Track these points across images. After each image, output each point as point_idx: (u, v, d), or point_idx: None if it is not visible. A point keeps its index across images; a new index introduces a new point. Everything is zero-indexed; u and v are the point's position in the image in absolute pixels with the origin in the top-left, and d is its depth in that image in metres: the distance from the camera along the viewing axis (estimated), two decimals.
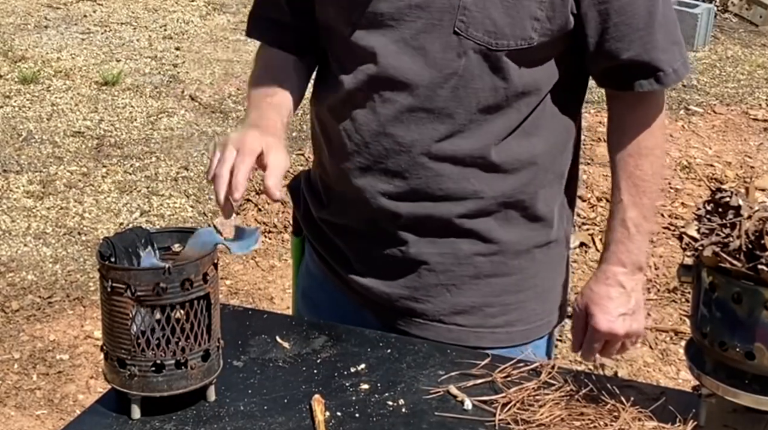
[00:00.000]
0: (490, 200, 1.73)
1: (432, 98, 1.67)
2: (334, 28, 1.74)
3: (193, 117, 5.33)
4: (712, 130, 5.39)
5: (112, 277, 1.42)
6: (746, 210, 1.33)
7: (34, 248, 4.14)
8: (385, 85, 1.69)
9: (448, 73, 1.66)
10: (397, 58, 1.67)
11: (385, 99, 1.69)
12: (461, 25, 1.63)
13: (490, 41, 1.64)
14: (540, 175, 1.76)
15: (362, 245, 1.80)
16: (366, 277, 1.80)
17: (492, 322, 1.80)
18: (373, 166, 1.73)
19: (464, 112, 1.68)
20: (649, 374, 3.52)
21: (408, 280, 1.78)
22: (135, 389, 1.45)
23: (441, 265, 1.76)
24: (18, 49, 6.07)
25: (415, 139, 1.69)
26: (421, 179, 1.71)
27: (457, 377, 1.57)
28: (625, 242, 1.75)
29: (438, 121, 1.68)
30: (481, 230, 1.75)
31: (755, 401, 1.34)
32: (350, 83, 1.72)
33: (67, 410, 3.30)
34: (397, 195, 1.73)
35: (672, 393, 1.52)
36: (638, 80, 1.71)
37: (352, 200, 1.77)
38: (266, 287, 4.05)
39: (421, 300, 1.79)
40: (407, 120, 1.69)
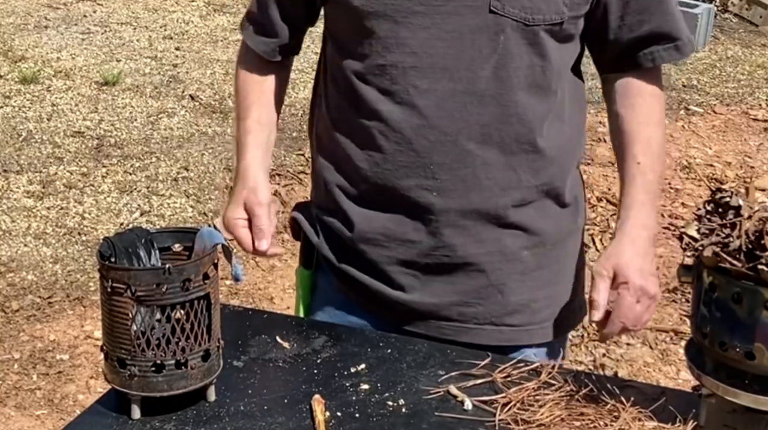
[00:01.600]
0: (533, 189, 1.72)
1: (474, 81, 1.65)
2: (350, 21, 1.70)
3: (193, 117, 5.33)
4: (712, 130, 5.40)
5: (112, 277, 1.42)
6: (746, 210, 1.33)
7: (34, 248, 4.14)
8: (422, 75, 1.65)
9: (487, 53, 1.64)
10: (431, 45, 1.64)
11: (423, 90, 1.66)
12: (497, 3, 1.62)
13: (527, 17, 1.63)
14: (569, 160, 1.77)
15: (404, 256, 1.74)
16: (409, 291, 1.76)
17: (539, 317, 1.79)
18: (417, 163, 1.69)
19: (507, 93, 1.66)
20: (649, 374, 3.52)
21: (457, 286, 1.75)
22: (135, 389, 1.45)
23: (490, 264, 1.74)
24: (18, 49, 6.07)
25: (461, 127, 1.66)
26: (469, 169, 1.68)
27: (457, 377, 1.57)
28: (646, 204, 1.73)
29: (481, 106, 1.66)
30: (524, 222, 1.74)
31: (755, 401, 1.34)
32: (380, 80, 1.68)
33: (67, 410, 3.30)
34: (445, 189, 1.69)
35: (672, 393, 1.52)
36: (658, 52, 1.74)
37: (392, 206, 1.73)
38: (266, 287, 4.05)
39: (471, 304, 1.76)
40: (450, 108, 1.66)
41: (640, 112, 1.76)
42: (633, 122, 1.76)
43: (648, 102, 1.77)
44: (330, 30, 1.78)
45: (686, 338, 1.65)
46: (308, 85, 5.64)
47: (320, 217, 1.84)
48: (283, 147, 5.01)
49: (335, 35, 1.76)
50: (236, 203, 1.77)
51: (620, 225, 1.74)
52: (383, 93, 1.68)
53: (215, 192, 4.62)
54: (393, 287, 1.76)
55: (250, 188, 1.77)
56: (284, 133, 5.14)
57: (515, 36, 1.64)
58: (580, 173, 1.86)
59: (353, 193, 1.77)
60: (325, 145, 1.82)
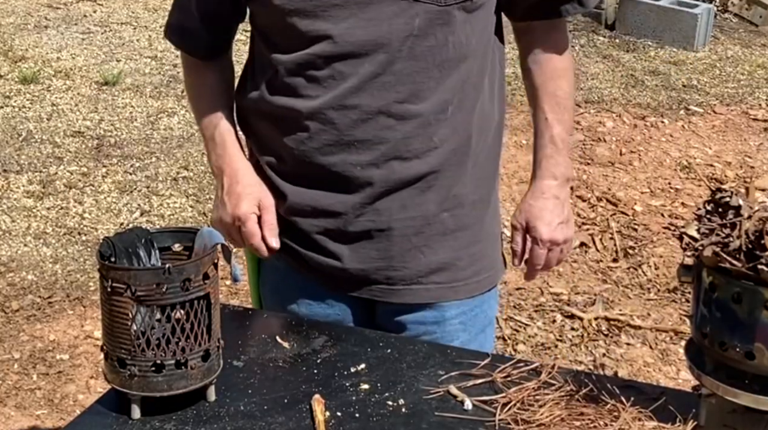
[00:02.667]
0: (449, 154, 1.80)
1: (392, 62, 1.73)
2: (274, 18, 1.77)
3: (193, 117, 5.33)
4: (712, 130, 5.39)
5: (112, 277, 1.42)
6: (746, 210, 1.33)
7: (34, 248, 4.14)
8: (343, 61, 1.73)
9: (403, 37, 1.72)
10: (351, 33, 1.71)
11: (346, 74, 1.74)
12: None
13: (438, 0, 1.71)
14: (484, 124, 1.86)
15: (332, 226, 1.83)
16: (338, 258, 1.84)
17: (463, 274, 1.89)
18: (341, 141, 1.77)
19: (423, 71, 1.74)
20: (649, 374, 3.52)
21: (382, 250, 1.84)
22: (135, 389, 1.45)
23: (412, 228, 1.83)
24: (18, 49, 6.07)
25: (381, 105, 1.74)
26: (390, 143, 1.76)
27: (457, 377, 1.57)
28: (555, 156, 1.89)
29: (400, 84, 1.74)
30: (444, 186, 1.82)
31: (755, 401, 1.34)
32: (304, 70, 1.75)
33: (67, 410, 3.30)
34: (369, 163, 1.77)
35: (672, 393, 1.52)
36: (564, 6, 1.85)
37: (318, 180, 1.81)
38: None
39: (397, 268, 1.85)
40: (370, 88, 1.74)
41: (545, 66, 1.90)
42: (540, 77, 1.90)
43: (552, 55, 1.90)
44: (255, 25, 1.85)
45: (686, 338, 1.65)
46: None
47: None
48: None
49: (260, 30, 1.84)
50: (250, 200, 1.83)
51: (531, 178, 1.93)
52: (309, 80, 1.76)
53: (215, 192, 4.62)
54: (324, 254, 1.85)
55: (261, 189, 1.85)
56: None
57: (429, 18, 1.72)
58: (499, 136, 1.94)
59: (282, 169, 1.85)
60: (253, 126, 1.90)
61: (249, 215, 1.82)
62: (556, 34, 1.91)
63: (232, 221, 1.84)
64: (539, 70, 1.91)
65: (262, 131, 1.88)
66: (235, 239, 1.87)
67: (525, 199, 1.93)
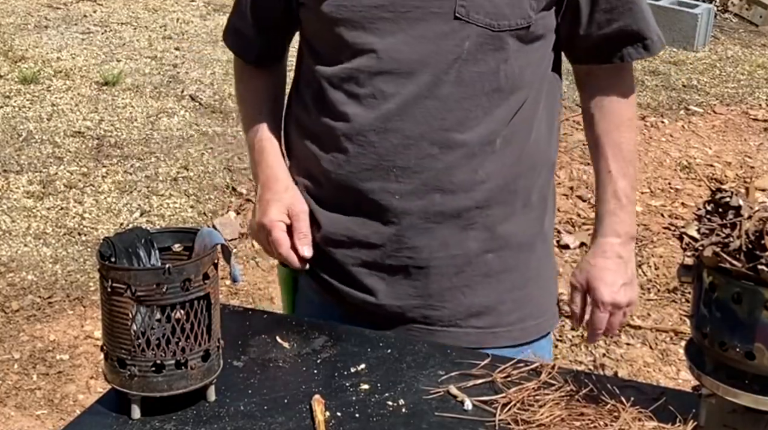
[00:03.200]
0: (496, 190, 1.72)
1: (438, 86, 1.66)
2: (321, 27, 1.72)
3: (193, 117, 5.33)
4: (712, 130, 5.40)
5: (112, 277, 1.42)
6: (746, 210, 1.33)
7: (34, 248, 4.14)
8: (388, 79, 1.67)
9: (452, 59, 1.65)
10: (398, 50, 1.66)
11: (389, 94, 1.67)
12: (462, 9, 1.64)
13: (492, 23, 1.64)
14: (536, 161, 1.77)
15: (368, 258, 1.76)
16: (375, 294, 1.77)
17: (506, 320, 1.79)
18: (379, 166, 1.70)
19: (471, 98, 1.67)
20: (649, 374, 3.52)
21: (420, 288, 1.76)
22: (135, 389, 1.45)
23: (453, 267, 1.74)
24: (18, 49, 6.07)
25: (424, 131, 1.67)
26: (432, 173, 1.69)
27: (457, 377, 1.56)
28: (618, 212, 1.79)
29: (445, 110, 1.67)
30: (488, 224, 1.74)
31: (755, 401, 1.34)
32: (347, 84, 1.70)
33: (67, 410, 3.31)
34: (408, 192, 1.70)
35: (672, 393, 1.52)
36: (626, 50, 1.76)
37: (355, 208, 1.74)
38: (266, 287, 4.05)
39: (435, 307, 1.76)
40: (413, 112, 1.67)
41: (609, 114, 1.80)
42: (603, 126, 1.80)
43: (616, 102, 1.80)
44: (303, 35, 1.81)
45: (686, 338, 1.65)
46: None
47: None
48: None
49: (307, 39, 1.79)
50: (278, 207, 1.77)
51: (593, 236, 1.83)
52: (350, 96, 1.70)
53: (215, 192, 4.62)
54: (359, 289, 1.78)
55: (292, 195, 1.78)
56: None
57: (480, 42, 1.65)
58: (551, 176, 1.85)
59: (318, 194, 1.78)
60: (294, 145, 1.84)
61: (275, 222, 1.76)
62: (620, 79, 1.81)
63: (259, 230, 1.78)
64: (603, 119, 1.80)
65: (301, 152, 1.81)
66: (268, 249, 1.81)
67: (585, 258, 1.82)
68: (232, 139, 5.07)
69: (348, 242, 1.76)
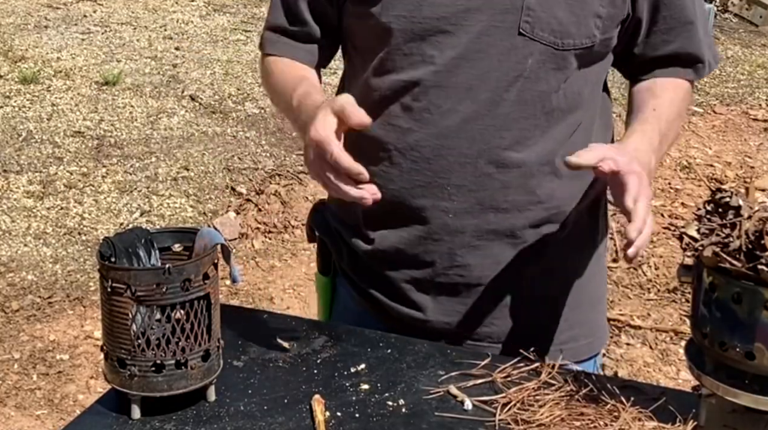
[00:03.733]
0: (552, 209, 1.69)
1: (497, 104, 1.61)
2: (378, 37, 1.65)
3: (193, 117, 5.33)
4: (712, 130, 5.40)
5: (112, 277, 1.42)
6: (746, 210, 1.33)
7: (34, 248, 4.14)
8: (445, 94, 1.61)
9: (513, 76, 1.61)
10: (457, 64, 1.60)
11: (446, 110, 1.62)
12: (526, 26, 1.59)
13: (556, 41, 1.60)
14: (591, 180, 1.72)
15: (418, 276, 1.72)
16: (423, 311, 1.73)
17: (559, 339, 1.76)
18: (433, 183, 1.64)
19: (531, 118, 1.63)
20: (649, 374, 3.52)
21: (470, 305, 1.72)
22: (135, 389, 1.45)
23: (504, 285, 1.71)
24: (18, 49, 6.07)
25: (482, 150, 1.63)
26: (487, 192, 1.65)
27: (457, 377, 1.56)
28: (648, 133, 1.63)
29: (504, 129, 1.62)
30: (541, 243, 1.70)
31: (755, 401, 1.34)
32: (402, 97, 1.64)
33: (67, 410, 3.31)
34: (462, 211, 1.66)
35: (672, 393, 1.52)
36: (676, 70, 1.73)
37: (405, 225, 1.70)
38: (266, 287, 4.05)
39: (485, 324, 1.73)
40: (471, 130, 1.62)
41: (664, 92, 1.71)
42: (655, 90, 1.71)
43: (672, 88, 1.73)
44: (355, 44, 1.74)
45: (686, 338, 1.65)
46: None
47: (339, 230, 1.81)
48: (283, 147, 5.01)
49: (360, 50, 1.72)
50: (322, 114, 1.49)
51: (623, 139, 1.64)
52: (404, 110, 1.64)
53: (215, 192, 4.62)
54: (407, 305, 1.74)
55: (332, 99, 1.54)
56: (284, 133, 5.14)
57: (543, 60, 1.61)
58: (604, 195, 1.80)
59: (368, 210, 1.68)
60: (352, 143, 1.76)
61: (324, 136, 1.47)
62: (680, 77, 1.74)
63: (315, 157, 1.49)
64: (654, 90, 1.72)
65: None
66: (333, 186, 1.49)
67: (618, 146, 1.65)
68: (232, 139, 5.07)
69: (398, 259, 1.72)
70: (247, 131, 5.14)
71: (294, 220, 4.47)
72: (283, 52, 1.76)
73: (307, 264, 4.24)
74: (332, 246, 1.83)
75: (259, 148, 4.97)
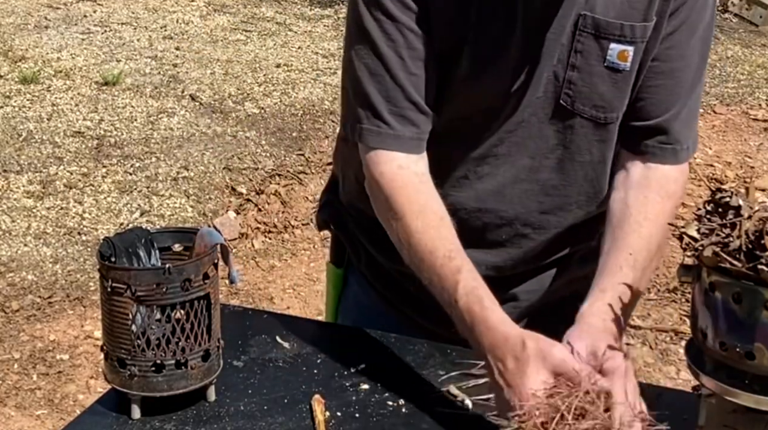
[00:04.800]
0: (592, 244, 1.69)
1: (537, 170, 1.60)
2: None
3: (193, 117, 5.33)
4: (712, 130, 5.39)
5: (112, 277, 1.42)
6: (746, 210, 1.32)
7: (34, 248, 4.14)
8: (483, 161, 1.60)
9: (553, 145, 1.59)
10: (504, 130, 1.57)
11: (483, 175, 1.60)
12: (566, 98, 1.56)
13: (599, 115, 1.57)
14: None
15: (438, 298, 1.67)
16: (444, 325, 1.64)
17: None
18: (469, 239, 1.55)
19: (570, 185, 1.62)
20: (649, 374, 3.52)
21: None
22: (135, 389, 1.45)
23: (527, 301, 1.73)
24: (18, 49, 6.07)
25: (519, 213, 1.62)
26: (523, 249, 1.65)
27: (457, 377, 1.56)
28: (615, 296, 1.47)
29: (543, 193, 1.62)
30: (567, 264, 1.72)
31: (755, 401, 1.34)
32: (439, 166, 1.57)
33: (67, 410, 3.31)
34: (496, 265, 1.65)
35: (672, 393, 1.52)
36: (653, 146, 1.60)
37: None
38: (266, 287, 4.05)
39: None
40: (509, 194, 1.61)
41: (650, 208, 1.56)
42: (640, 213, 1.55)
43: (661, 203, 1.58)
44: None
45: (686, 338, 1.65)
46: (308, 85, 5.64)
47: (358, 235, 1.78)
48: (283, 147, 5.01)
49: None
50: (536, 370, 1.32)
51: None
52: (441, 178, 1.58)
53: (215, 192, 4.62)
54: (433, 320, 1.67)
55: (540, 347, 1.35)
56: (284, 133, 5.13)
57: (585, 132, 1.58)
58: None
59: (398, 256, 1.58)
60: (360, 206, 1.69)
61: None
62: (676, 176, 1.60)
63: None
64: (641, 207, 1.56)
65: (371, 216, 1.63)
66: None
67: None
68: (232, 139, 5.07)
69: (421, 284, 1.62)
70: (247, 131, 5.14)
71: (294, 220, 4.47)
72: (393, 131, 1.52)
73: (307, 264, 4.24)
74: (349, 246, 1.81)
75: (259, 148, 4.97)
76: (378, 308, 1.80)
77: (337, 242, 1.86)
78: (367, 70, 1.51)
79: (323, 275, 4.22)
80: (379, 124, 1.51)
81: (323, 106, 5.39)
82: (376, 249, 1.75)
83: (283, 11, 7.05)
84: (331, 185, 1.87)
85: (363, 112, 1.52)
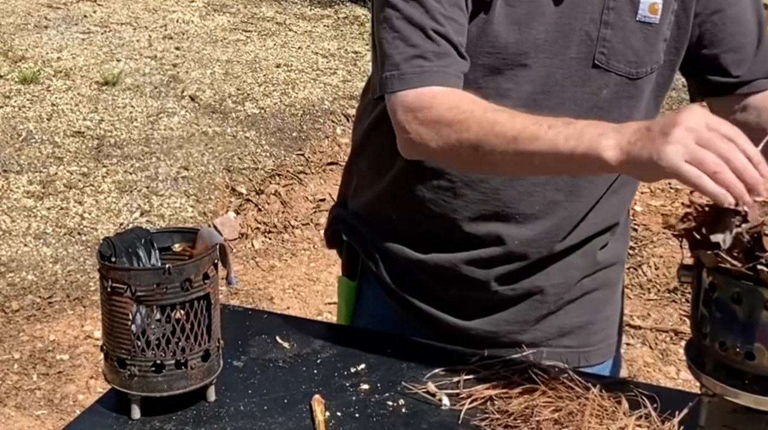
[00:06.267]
0: (603, 223, 1.71)
1: None
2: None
3: (193, 117, 5.33)
4: None
5: (112, 277, 1.42)
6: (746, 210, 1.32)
7: (34, 248, 4.14)
8: None
9: (588, 107, 1.59)
10: (533, 98, 1.58)
11: None
12: (602, 57, 1.58)
13: (631, 71, 1.59)
14: (634, 192, 1.76)
15: (472, 295, 1.71)
16: (470, 320, 1.72)
17: (595, 338, 1.78)
18: (501, 212, 1.64)
19: None
20: (649, 374, 3.52)
21: (518, 314, 1.72)
22: (135, 389, 1.45)
23: (553, 295, 1.73)
24: (18, 49, 6.07)
25: (551, 179, 1.62)
26: (554, 221, 1.66)
27: (440, 375, 1.57)
28: None
29: None
30: (590, 252, 1.72)
31: (755, 401, 1.34)
32: None
33: (67, 410, 3.31)
34: (528, 239, 1.65)
35: (671, 393, 1.52)
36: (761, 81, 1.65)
37: (462, 249, 1.68)
38: (266, 287, 4.05)
39: (528, 331, 1.74)
40: None
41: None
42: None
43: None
44: None
45: (686, 338, 1.65)
46: (308, 85, 5.64)
47: (371, 237, 1.78)
48: (283, 147, 5.01)
49: None
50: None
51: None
52: None
53: (215, 192, 4.62)
54: (454, 315, 1.73)
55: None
56: (284, 133, 5.14)
57: (618, 90, 1.60)
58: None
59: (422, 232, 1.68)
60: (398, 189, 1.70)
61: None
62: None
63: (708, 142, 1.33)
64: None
65: (410, 197, 1.67)
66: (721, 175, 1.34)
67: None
68: (232, 139, 5.07)
69: (451, 279, 1.71)
70: (247, 131, 5.14)
71: (294, 220, 4.47)
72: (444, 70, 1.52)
73: (307, 264, 4.24)
74: (363, 252, 1.80)
75: (259, 148, 4.97)
76: (393, 315, 1.79)
77: (349, 253, 1.85)
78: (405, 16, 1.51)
79: (323, 276, 4.23)
80: (422, 63, 1.50)
81: (323, 106, 5.39)
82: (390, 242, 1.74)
83: (283, 11, 7.06)
84: (338, 202, 1.88)
85: (403, 58, 1.51)
